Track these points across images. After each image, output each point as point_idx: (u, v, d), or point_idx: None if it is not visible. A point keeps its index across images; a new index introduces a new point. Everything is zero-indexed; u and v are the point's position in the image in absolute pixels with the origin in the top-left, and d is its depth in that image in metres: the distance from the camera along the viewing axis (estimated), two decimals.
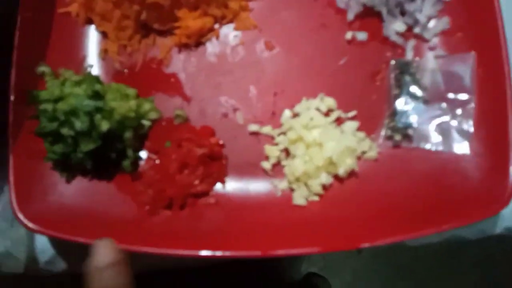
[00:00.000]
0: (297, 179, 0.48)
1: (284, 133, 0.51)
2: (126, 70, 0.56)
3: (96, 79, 0.52)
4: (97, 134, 0.47)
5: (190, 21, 0.55)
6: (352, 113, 0.52)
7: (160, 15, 0.55)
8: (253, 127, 0.52)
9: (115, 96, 0.51)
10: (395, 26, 0.54)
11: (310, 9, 0.57)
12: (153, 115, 0.53)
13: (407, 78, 0.51)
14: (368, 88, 0.53)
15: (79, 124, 0.47)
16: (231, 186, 0.51)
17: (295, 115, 0.52)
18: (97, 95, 0.49)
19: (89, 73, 0.52)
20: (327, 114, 0.52)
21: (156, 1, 0.53)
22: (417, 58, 0.53)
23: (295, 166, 0.48)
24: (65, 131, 0.47)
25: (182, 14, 0.55)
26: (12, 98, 0.51)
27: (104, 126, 0.48)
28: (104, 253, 0.38)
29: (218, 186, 0.51)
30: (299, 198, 0.48)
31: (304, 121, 0.50)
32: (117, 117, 0.49)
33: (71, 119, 0.47)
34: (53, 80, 0.53)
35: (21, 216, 0.47)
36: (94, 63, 0.57)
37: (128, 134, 0.50)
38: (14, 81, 0.51)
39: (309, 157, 0.48)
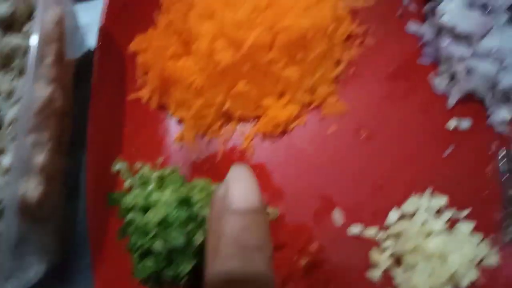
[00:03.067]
0: None
1: (392, 236, 0.46)
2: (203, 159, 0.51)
3: (181, 179, 0.47)
4: (194, 249, 0.42)
5: (278, 110, 0.50)
6: (465, 212, 0.47)
7: (245, 103, 0.50)
8: (355, 229, 0.47)
9: (201, 196, 0.46)
10: (501, 114, 0.50)
11: (405, 93, 0.52)
12: None
13: None
14: (478, 182, 0.49)
15: (175, 239, 0.41)
16: None
17: (404, 216, 0.47)
18: (186, 202, 0.44)
19: (174, 172, 0.47)
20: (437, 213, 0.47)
21: (242, 91, 0.49)
22: None
23: (417, 282, 0.42)
24: (158, 246, 0.42)
25: (269, 102, 0.50)
26: (88, 202, 0.45)
27: (199, 238, 0.42)
28: (245, 194, 0.27)
29: None
30: None
31: (418, 226, 0.44)
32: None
33: (165, 233, 0.41)
34: (132, 179, 0.47)
35: None
36: (169, 152, 0.51)
37: None
38: (90, 182, 0.46)
39: (430, 270, 0.43)
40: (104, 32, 0.53)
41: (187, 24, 0.49)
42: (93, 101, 0.49)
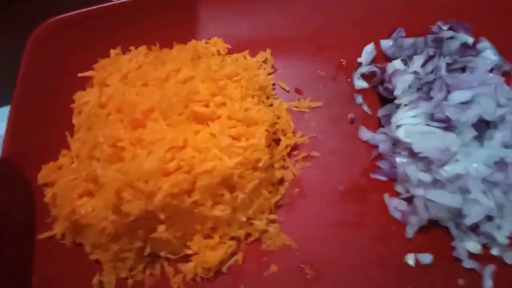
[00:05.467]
0: None
1: None
2: None
3: None
4: None
5: (208, 252, 0.43)
6: None
7: (169, 246, 0.43)
8: None
9: None
10: (468, 246, 0.43)
11: (358, 220, 0.45)
12: None
13: None
14: None
15: None
16: None
17: None
18: None
19: None
20: None
21: (162, 237, 0.42)
22: None
23: None
24: None
25: (196, 244, 0.43)
26: None
27: None
28: None
29: None
30: None
31: None
32: None
33: None
34: None
35: None
36: None
37: None
38: None
39: None
40: (7, 161, 0.46)
41: (92, 165, 0.41)
42: None
